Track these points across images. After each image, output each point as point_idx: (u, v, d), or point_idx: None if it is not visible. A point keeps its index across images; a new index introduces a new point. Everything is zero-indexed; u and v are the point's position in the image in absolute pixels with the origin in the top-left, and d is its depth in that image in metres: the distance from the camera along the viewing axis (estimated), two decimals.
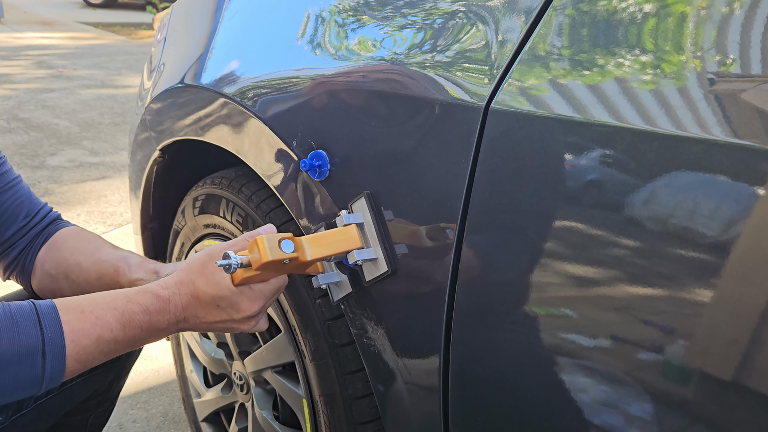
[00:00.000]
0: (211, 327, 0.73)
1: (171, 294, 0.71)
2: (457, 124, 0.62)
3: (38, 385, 0.63)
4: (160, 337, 0.72)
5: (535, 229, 0.57)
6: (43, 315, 0.64)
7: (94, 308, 0.67)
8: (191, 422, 1.37)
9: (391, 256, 0.70)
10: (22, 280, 0.96)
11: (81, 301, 0.68)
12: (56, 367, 0.63)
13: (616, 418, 0.54)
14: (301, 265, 0.70)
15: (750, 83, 0.47)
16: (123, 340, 0.68)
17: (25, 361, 0.62)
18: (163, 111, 1.15)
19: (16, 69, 5.58)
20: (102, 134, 3.83)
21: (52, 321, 0.64)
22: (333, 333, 0.86)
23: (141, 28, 8.91)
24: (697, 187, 0.47)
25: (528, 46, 0.59)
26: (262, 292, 0.72)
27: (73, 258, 0.92)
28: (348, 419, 0.86)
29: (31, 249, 0.94)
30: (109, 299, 0.69)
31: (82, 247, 0.93)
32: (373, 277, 0.71)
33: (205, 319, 0.72)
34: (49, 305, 0.65)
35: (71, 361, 0.64)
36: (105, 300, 0.68)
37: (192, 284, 0.71)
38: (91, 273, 0.90)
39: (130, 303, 0.68)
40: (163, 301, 0.70)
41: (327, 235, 0.71)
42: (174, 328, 0.72)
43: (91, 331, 0.65)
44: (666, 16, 0.52)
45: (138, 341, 0.70)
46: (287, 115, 0.83)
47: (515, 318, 0.60)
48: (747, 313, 0.46)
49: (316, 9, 0.86)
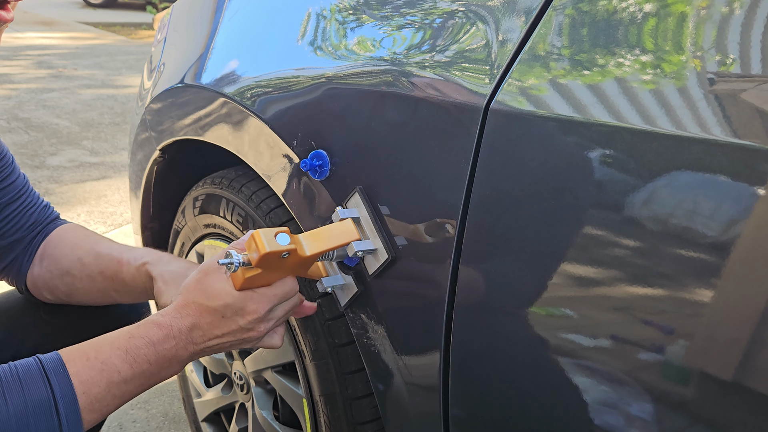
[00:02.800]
0: (222, 342, 0.71)
1: (172, 319, 0.69)
2: (457, 124, 0.62)
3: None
4: (174, 369, 0.70)
5: (535, 230, 0.57)
6: (50, 371, 0.63)
7: (98, 353, 0.66)
8: (191, 422, 1.37)
9: (390, 243, 0.69)
10: (16, 281, 0.95)
11: (85, 348, 0.67)
12: (72, 421, 0.63)
13: (616, 418, 0.54)
14: (302, 263, 0.70)
15: (750, 83, 0.47)
16: (134, 379, 0.67)
17: (39, 421, 0.61)
18: (164, 111, 1.15)
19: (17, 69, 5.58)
20: (102, 134, 3.83)
21: (61, 376, 0.63)
22: (333, 333, 0.86)
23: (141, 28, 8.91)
24: (697, 187, 0.47)
25: (528, 46, 0.59)
26: (265, 294, 0.71)
27: (74, 254, 0.91)
28: (348, 419, 0.86)
29: (28, 251, 0.93)
30: (112, 340, 0.67)
31: (81, 242, 0.92)
32: (376, 268, 0.71)
33: (213, 335, 0.70)
34: (54, 359, 0.65)
35: (86, 412, 0.64)
36: (108, 342, 0.67)
37: (192, 304, 0.70)
38: (93, 267, 0.89)
39: (133, 338, 0.67)
40: (165, 327, 0.68)
41: (324, 230, 0.71)
42: (185, 354, 0.70)
43: (100, 378, 0.64)
44: (666, 15, 0.52)
45: (151, 376, 0.68)
46: (287, 115, 0.83)
47: (515, 318, 0.60)
48: (747, 313, 0.46)
49: (316, 8, 0.86)
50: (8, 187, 0.91)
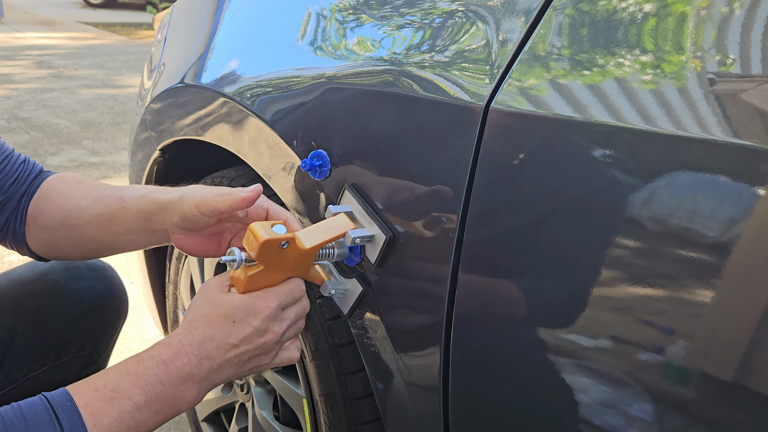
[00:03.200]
0: (240, 354, 0.68)
1: (181, 335, 0.67)
2: (457, 124, 0.62)
3: None
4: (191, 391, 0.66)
5: (535, 230, 0.57)
6: (57, 407, 0.60)
7: (107, 381, 0.63)
8: (191, 422, 1.37)
9: (386, 225, 0.69)
10: (16, 245, 0.90)
11: (93, 379, 0.64)
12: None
13: (616, 418, 0.54)
14: (302, 259, 0.70)
15: (750, 83, 0.47)
16: (147, 405, 0.63)
17: None
18: (164, 111, 1.15)
19: (17, 69, 5.58)
20: (102, 134, 3.84)
21: (68, 411, 0.60)
22: (333, 333, 0.86)
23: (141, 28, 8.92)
24: (697, 188, 0.47)
25: (528, 46, 0.59)
26: (271, 291, 0.70)
27: (68, 203, 0.86)
28: (348, 419, 0.86)
29: (19, 209, 0.88)
30: (119, 366, 0.65)
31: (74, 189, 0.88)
32: (377, 254, 0.71)
33: (228, 344, 0.67)
34: (62, 394, 0.62)
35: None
36: (116, 369, 0.65)
37: (200, 317, 0.68)
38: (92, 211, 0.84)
39: (142, 361, 0.65)
40: (175, 345, 0.66)
41: (318, 225, 0.71)
42: (200, 372, 0.66)
43: (110, 408, 0.61)
44: (666, 15, 0.52)
45: (166, 401, 0.65)
46: (288, 115, 0.83)
47: (515, 318, 0.60)
48: (748, 313, 0.46)
49: (316, 8, 0.86)
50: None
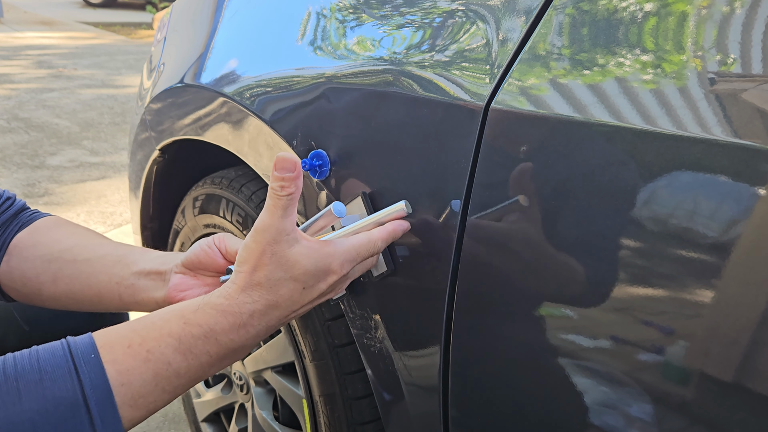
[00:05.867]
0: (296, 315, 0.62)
1: (240, 303, 0.57)
2: (457, 124, 0.62)
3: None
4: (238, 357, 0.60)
5: (535, 230, 0.57)
6: (78, 358, 0.52)
7: (143, 340, 0.54)
8: (191, 422, 1.37)
9: (390, 255, 0.70)
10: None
11: (125, 332, 0.55)
12: (109, 420, 0.51)
13: (616, 418, 0.54)
14: None
15: (751, 83, 0.47)
16: (188, 372, 0.56)
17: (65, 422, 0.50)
18: (163, 111, 1.15)
19: (17, 69, 5.58)
20: (102, 134, 3.83)
21: (91, 365, 0.52)
22: (333, 333, 0.85)
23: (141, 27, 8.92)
24: (697, 188, 0.47)
25: (528, 46, 0.59)
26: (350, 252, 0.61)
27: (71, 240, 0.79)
28: (348, 419, 0.86)
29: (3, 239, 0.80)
30: (161, 324, 0.56)
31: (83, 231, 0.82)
32: (375, 276, 0.71)
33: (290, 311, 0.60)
34: (86, 344, 0.53)
35: (126, 408, 0.52)
36: (156, 326, 0.55)
37: (265, 282, 0.58)
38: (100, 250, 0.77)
39: (189, 326, 0.56)
40: (232, 315, 0.57)
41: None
42: (255, 341, 0.59)
43: (145, 369, 0.53)
44: (666, 15, 0.52)
45: (210, 367, 0.57)
46: (287, 115, 0.83)
47: (515, 318, 0.60)
48: (748, 313, 0.46)
49: (316, 8, 0.86)
50: None
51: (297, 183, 0.59)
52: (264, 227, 0.58)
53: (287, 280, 0.58)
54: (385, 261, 0.70)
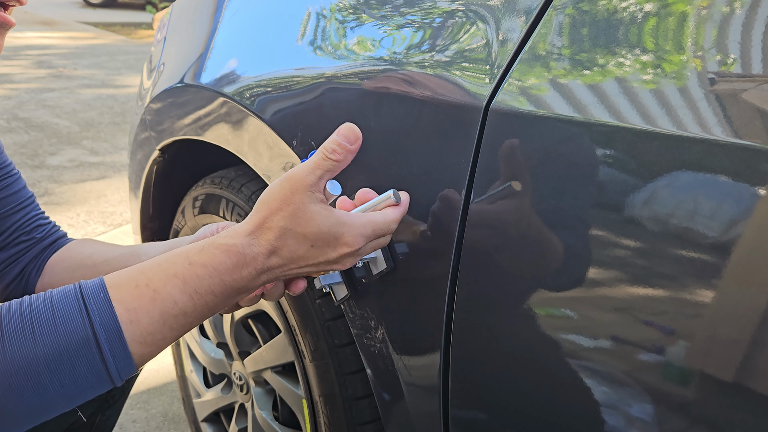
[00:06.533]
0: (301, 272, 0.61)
1: (246, 245, 0.57)
2: (457, 124, 0.62)
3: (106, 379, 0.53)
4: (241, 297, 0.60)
5: (535, 230, 0.57)
6: (88, 297, 0.54)
7: (149, 281, 0.55)
8: (191, 422, 1.37)
9: (389, 253, 0.69)
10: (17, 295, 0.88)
11: (133, 274, 0.56)
12: (120, 356, 0.53)
13: (616, 418, 0.54)
14: None
15: (751, 83, 0.47)
16: (195, 311, 0.57)
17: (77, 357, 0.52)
18: (163, 111, 1.15)
19: (16, 69, 5.58)
20: (102, 134, 3.83)
21: (101, 302, 0.53)
22: (333, 333, 0.85)
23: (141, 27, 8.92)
24: (697, 188, 0.47)
25: (528, 46, 0.59)
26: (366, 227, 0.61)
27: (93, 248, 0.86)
28: (348, 419, 0.86)
29: (37, 263, 0.89)
30: (167, 266, 0.56)
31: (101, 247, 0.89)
32: (375, 274, 0.71)
33: (294, 263, 0.60)
34: (96, 284, 0.55)
35: (136, 345, 0.54)
36: (162, 268, 0.56)
37: (275, 228, 0.58)
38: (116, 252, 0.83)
39: (194, 266, 0.56)
40: (237, 255, 0.57)
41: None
42: (257, 283, 0.59)
43: (151, 307, 0.54)
44: (666, 15, 0.52)
45: (215, 307, 0.58)
46: (287, 115, 0.83)
47: (515, 318, 0.60)
48: (748, 313, 0.46)
49: (316, 8, 0.86)
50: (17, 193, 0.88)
51: (348, 156, 0.60)
52: (294, 176, 0.59)
53: (298, 233, 0.58)
54: (385, 258, 0.70)
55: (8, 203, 0.87)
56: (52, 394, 0.52)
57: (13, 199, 0.88)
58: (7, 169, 0.88)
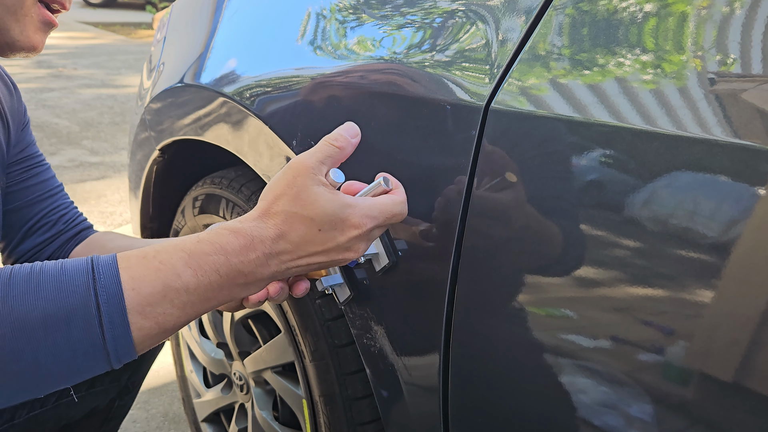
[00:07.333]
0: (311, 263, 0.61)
1: (253, 227, 0.58)
2: (457, 124, 0.62)
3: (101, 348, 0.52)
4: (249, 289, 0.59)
5: (535, 229, 0.57)
6: (98, 264, 0.53)
7: (157, 252, 0.55)
8: (191, 422, 1.37)
9: (391, 247, 0.69)
10: None
11: (144, 247, 0.57)
12: (117, 322, 0.52)
13: (616, 418, 0.54)
14: None
15: (751, 83, 0.47)
16: (198, 289, 0.55)
17: (75, 317, 0.51)
18: (163, 111, 1.14)
19: (16, 69, 5.58)
20: (102, 134, 3.83)
21: (108, 267, 0.53)
22: (333, 333, 0.85)
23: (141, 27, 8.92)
24: (697, 188, 0.47)
25: (528, 46, 0.59)
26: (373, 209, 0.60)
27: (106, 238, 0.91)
28: (348, 420, 0.86)
29: (61, 254, 0.91)
30: (177, 241, 0.57)
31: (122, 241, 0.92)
32: (378, 270, 0.71)
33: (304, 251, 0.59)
34: (109, 255, 0.55)
35: (135, 315, 0.53)
36: (171, 243, 0.57)
37: (281, 212, 0.58)
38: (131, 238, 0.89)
39: (201, 243, 0.56)
40: (244, 236, 0.57)
41: None
42: (266, 272, 0.58)
43: (155, 277, 0.54)
44: (666, 15, 0.52)
45: (219, 289, 0.57)
46: (287, 115, 0.83)
47: (515, 318, 0.60)
48: (748, 313, 0.45)
49: (316, 8, 0.86)
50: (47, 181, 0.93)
51: (348, 148, 0.62)
52: (297, 161, 0.60)
53: (303, 216, 0.58)
54: (387, 254, 0.69)
55: (36, 191, 0.92)
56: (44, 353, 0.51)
57: (40, 188, 0.93)
58: (37, 159, 0.93)
